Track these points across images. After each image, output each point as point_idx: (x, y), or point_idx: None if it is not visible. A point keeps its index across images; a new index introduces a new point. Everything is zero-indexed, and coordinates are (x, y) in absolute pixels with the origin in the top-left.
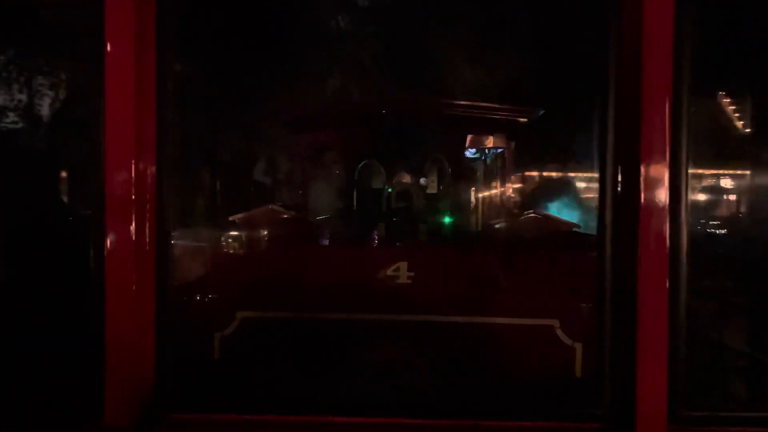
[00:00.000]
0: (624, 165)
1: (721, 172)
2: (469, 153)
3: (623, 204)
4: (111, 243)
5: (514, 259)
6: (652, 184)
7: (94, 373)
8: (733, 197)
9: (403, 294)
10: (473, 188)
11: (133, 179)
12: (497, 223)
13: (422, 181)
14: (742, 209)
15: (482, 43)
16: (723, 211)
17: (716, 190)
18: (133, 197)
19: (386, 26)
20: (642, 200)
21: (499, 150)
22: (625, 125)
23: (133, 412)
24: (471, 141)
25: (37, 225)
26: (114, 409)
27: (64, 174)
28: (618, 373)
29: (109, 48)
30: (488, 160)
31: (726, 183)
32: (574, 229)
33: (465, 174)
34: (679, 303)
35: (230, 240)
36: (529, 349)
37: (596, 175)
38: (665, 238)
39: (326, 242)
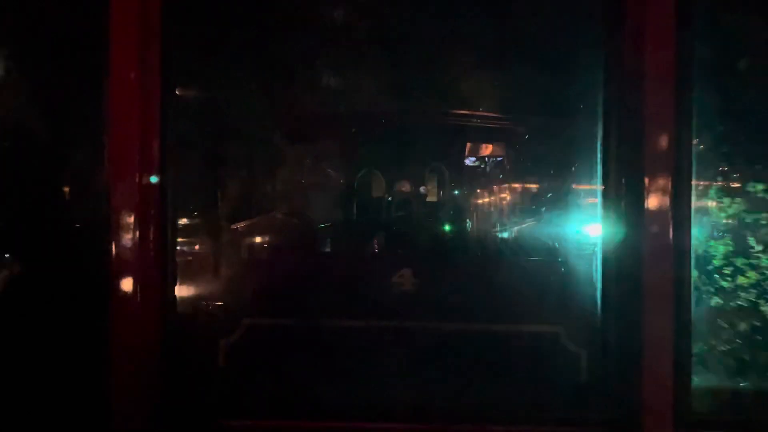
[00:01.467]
0: (629, 177)
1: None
2: (469, 161)
3: (628, 214)
4: (116, 252)
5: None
6: (656, 194)
7: (101, 381)
8: None
9: (409, 301)
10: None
11: (137, 189)
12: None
13: (422, 189)
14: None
15: (498, 61)
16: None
17: None
18: (137, 208)
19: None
20: (646, 211)
21: (499, 159)
22: (629, 140)
23: (143, 419)
24: (473, 149)
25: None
26: (123, 418)
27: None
28: (624, 378)
29: (113, 55)
30: (488, 169)
31: None
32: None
33: (464, 182)
34: (683, 306)
35: (233, 247)
36: (534, 355)
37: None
38: (669, 244)
39: (327, 249)
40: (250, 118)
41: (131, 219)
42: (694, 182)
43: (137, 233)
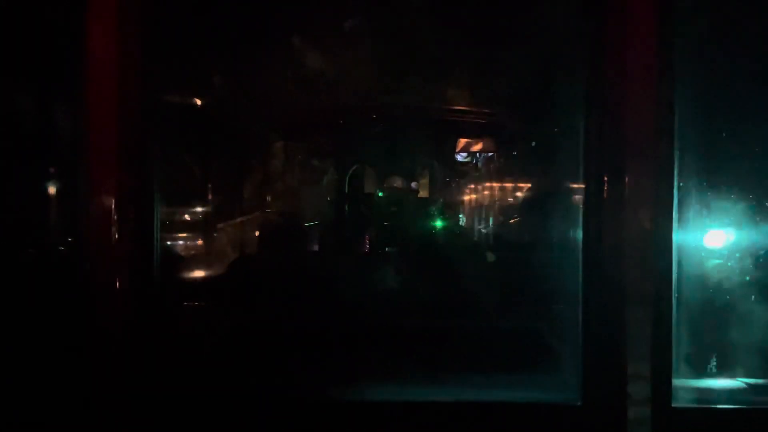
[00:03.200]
0: (610, 174)
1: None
2: (460, 157)
3: (608, 212)
4: (93, 253)
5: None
6: (637, 191)
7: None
8: None
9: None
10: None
11: (118, 186)
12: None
13: (413, 185)
14: None
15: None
16: None
17: None
18: (118, 205)
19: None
20: (625, 208)
21: (489, 154)
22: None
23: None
24: (462, 145)
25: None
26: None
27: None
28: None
29: (90, 46)
30: (479, 164)
31: None
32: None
33: (456, 178)
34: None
35: (216, 247)
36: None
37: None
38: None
39: (316, 247)
40: (237, 114)
41: (111, 217)
42: None
43: (118, 231)
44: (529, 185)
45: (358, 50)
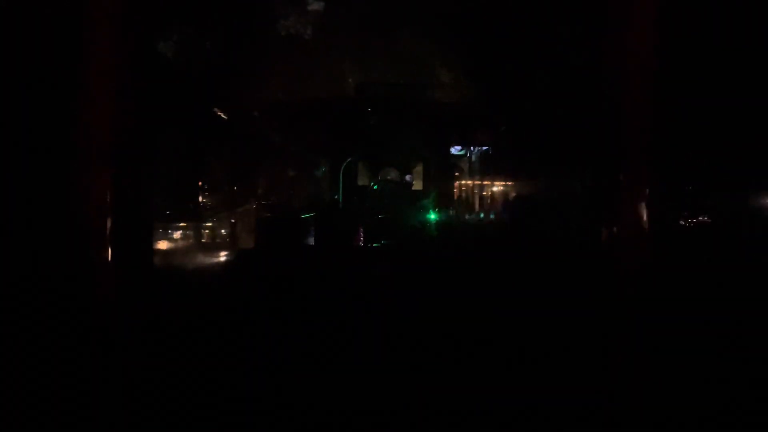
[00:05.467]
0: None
1: None
2: (455, 150)
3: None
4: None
5: None
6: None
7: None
8: None
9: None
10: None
11: (110, 183)
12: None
13: (407, 177)
14: None
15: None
16: None
17: None
18: (110, 199)
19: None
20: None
21: (485, 148)
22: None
23: None
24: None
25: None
26: None
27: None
28: None
29: (87, 52)
30: (473, 158)
31: None
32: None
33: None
34: None
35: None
36: None
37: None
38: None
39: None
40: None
41: (103, 210)
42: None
43: (111, 221)
44: None
45: None
